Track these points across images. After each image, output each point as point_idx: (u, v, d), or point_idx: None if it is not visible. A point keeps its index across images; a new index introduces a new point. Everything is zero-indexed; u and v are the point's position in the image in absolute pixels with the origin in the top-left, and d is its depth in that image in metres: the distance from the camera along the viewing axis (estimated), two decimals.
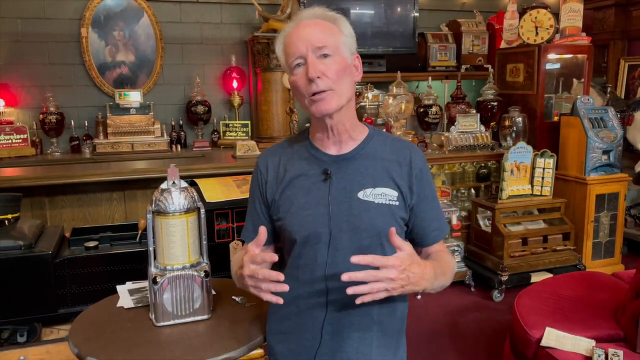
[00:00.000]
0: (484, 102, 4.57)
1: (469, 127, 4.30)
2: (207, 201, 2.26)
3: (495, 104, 4.52)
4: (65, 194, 3.28)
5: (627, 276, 2.82)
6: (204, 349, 1.38)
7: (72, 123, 4.39)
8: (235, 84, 4.76)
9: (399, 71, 4.30)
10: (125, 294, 1.75)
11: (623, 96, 5.30)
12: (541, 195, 3.89)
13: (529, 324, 2.38)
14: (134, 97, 4.41)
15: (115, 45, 4.56)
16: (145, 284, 1.78)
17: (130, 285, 1.83)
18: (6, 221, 2.26)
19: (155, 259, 1.55)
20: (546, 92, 4.37)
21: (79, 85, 4.50)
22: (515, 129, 4.22)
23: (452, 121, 4.50)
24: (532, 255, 3.78)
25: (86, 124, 4.44)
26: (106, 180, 3.28)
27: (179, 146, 4.51)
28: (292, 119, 4.20)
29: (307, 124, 4.74)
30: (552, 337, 2.25)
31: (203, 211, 1.57)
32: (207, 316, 1.56)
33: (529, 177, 3.90)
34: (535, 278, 3.64)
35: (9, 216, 2.29)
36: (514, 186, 3.86)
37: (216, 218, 2.32)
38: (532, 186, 3.91)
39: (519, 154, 3.84)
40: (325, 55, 1.21)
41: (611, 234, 4.10)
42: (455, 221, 3.80)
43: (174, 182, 1.53)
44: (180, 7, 4.69)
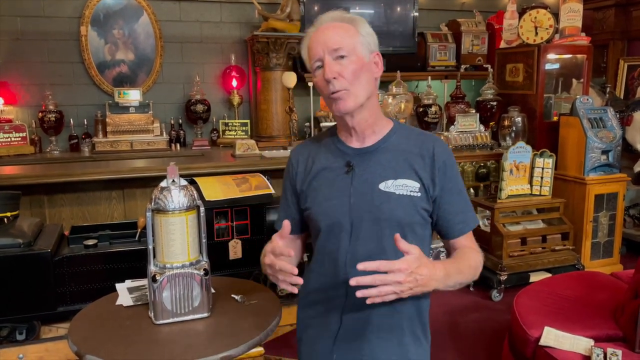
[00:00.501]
0: (484, 101, 4.57)
1: (468, 126, 4.30)
2: (207, 200, 2.26)
3: (495, 103, 4.52)
4: (65, 193, 3.27)
5: (626, 276, 2.83)
6: (203, 347, 1.38)
7: (72, 121, 4.39)
8: (234, 83, 4.76)
9: (398, 71, 4.30)
10: (125, 292, 1.75)
11: (622, 96, 5.31)
12: (540, 195, 3.89)
13: (528, 324, 2.38)
14: (133, 96, 4.41)
15: (115, 44, 4.55)
16: (144, 282, 1.78)
17: (129, 283, 1.83)
18: (5, 219, 2.26)
19: (154, 257, 1.55)
20: (545, 92, 4.37)
21: (79, 83, 4.50)
22: (514, 128, 4.22)
23: (451, 121, 4.50)
24: (531, 255, 3.78)
25: (85, 122, 4.44)
26: (105, 179, 3.28)
27: (178, 145, 4.51)
28: (292, 118, 4.20)
29: (306, 123, 4.76)
30: (551, 336, 2.25)
31: (203, 209, 1.57)
32: (206, 314, 1.56)
33: (528, 177, 3.90)
34: (534, 278, 3.64)
35: (8, 214, 2.29)
36: (513, 186, 3.86)
37: (215, 216, 2.32)
38: (531, 186, 3.91)
39: (518, 153, 3.84)
40: (342, 56, 1.28)
41: (610, 234, 4.10)
42: None
43: (173, 180, 1.53)
44: (180, 6, 4.69)
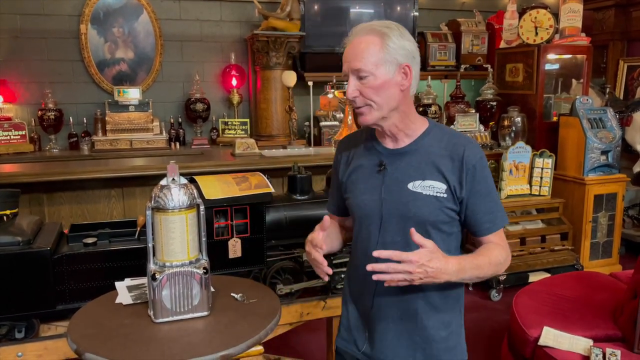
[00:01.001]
0: (483, 101, 4.57)
1: (468, 126, 4.31)
2: (206, 198, 2.26)
3: (495, 103, 4.52)
4: (64, 191, 3.27)
5: (625, 276, 2.83)
6: (203, 346, 1.38)
7: (71, 120, 4.38)
8: (234, 81, 4.75)
9: None
10: (124, 291, 1.75)
11: (622, 97, 5.31)
12: (540, 195, 3.90)
13: (527, 324, 2.38)
14: (133, 94, 4.40)
15: (115, 42, 4.55)
16: (144, 280, 1.78)
17: (128, 281, 1.83)
18: (4, 217, 2.25)
19: (154, 255, 1.55)
20: (545, 92, 4.37)
21: (78, 82, 4.49)
22: (514, 128, 4.22)
23: (451, 120, 4.50)
24: (530, 255, 3.78)
25: (85, 120, 4.43)
26: (105, 177, 3.27)
27: (177, 144, 4.51)
28: (291, 117, 4.20)
29: (306, 122, 4.76)
30: (550, 336, 2.25)
31: (202, 208, 1.56)
32: (205, 313, 1.56)
33: (527, 177, 3.90)
34: (533, 278, 3.65)
35: (7, 212, 2.28)
36: (512, 186, 3.86)
37: (215, 215, 2.32)
38: (531, 186, 3.91)
39: (517, 153, 3.84)
40: (363, 76, 1.35)
41: (609, 234, 4.11)
42: None
43: (173, 179, 1.53)
44: (180, 5, 4.69)
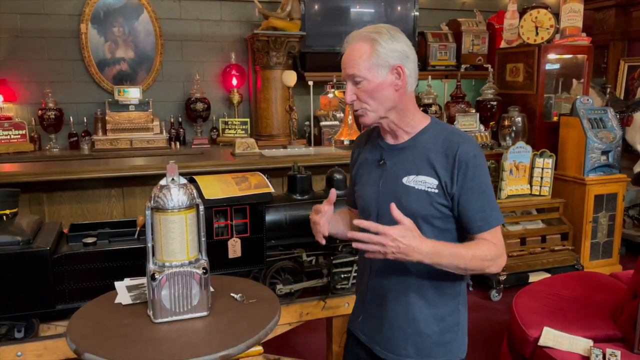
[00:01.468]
0: (484, 101, 4.57)
1: (468, 126, 4.30)
2: (206, 198, 2.26)
3: (495, 103, 4.52)
4: (64, 190, 3.27)
5: (625, 277, 2.83)
6: (202, 346, 1.38)
7: (71, 119, 4.38)
8: (234, 81, 4.75)
9: None
10: (124, 291, 1.75)
11: (622, 97, 5.31)
12: (540, 195, 3.90)
13: (527, 324, 2.38)
14: (133, 94, 4.40)
15: (115, 42, 4.55)
16: (143, 280, 1.78)
17: (128, 281, 1.83)
18: (4, 217, 2.25)
19: (153, 255, 1.54)
20: (546, 92, 4.37)
21: (78, 81, 4.49)
22: (514, 128, 4.22)
23: (451, 120, 4.50)
24: (530, 255, 3.78)
25: (85, 120, 4.43)
26: (105, 177, 3.27)
27: (177, 143, 4.51)
28: (292, 117, 4.19)
29: (306, 122, 4.76)
30: (550, 336, 2.25)
31: (202, 208, 1.56)
32: (205, 313, 1.55)
33: (527, 177, 3.90)
34: (533, 278, 3.65)
35: (7, 212, 2.28)
36: (512, 186, 3.86)
37: (215, 215, 2.31)
38: (531, 186, 3.91)
39: (518, 153, 3.84)
40: (357, 81, 1.44)
41: (609, 234, 4.11)
42: None
43: (173, 179, 1.53)
44: (180, 4, 4.68)
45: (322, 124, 4.53)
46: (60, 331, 2.17)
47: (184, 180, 1.55)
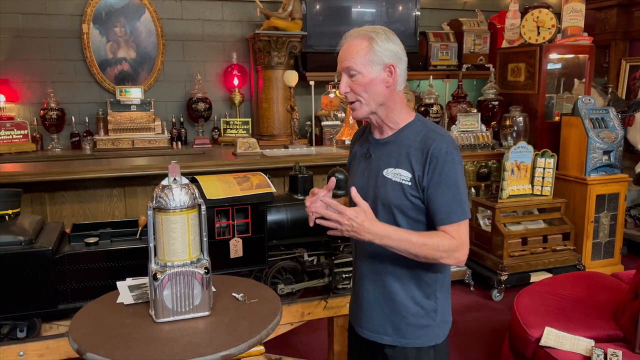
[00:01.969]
0: (485, 101, 4.56)
1: (469, 126, 4.30)
2: (208, 198, 2.26)
3: (496, 103, 4.52)
4: (66, 190, 3.27)
5: (627, 277, 2.83)
6: (204, 346, 1.38)
7: (73, 119, 4.39)
8: (236, 81, 4.75)
9: None
10: (125, 290, 1.75)
11: (624, 97, 5.30)
12: (541, 195, 3.89)
13: (529, 324, 2.38)
14: (134, 94, 4.41)
15: (117, 42, 4.55)
16: (145, 280, 1.78)
17: (130, 281, 1.83)
18: (6, 217, 2.26)
19: (155, 255, 1.55)
20: (547, 92, 4.37)
21: (80, 81, 4.50)
22: (516, 128, 4.22)
23: (453, 120, 4.49)
24: (531, 255, 3.78)
25: (87, 120, 4.44)
26: (106, 177, 3.27)
27: (179, 143, 4.51)
28: (293, 117, 4.19)
29: (307, 122, 4.76)
30: (552, 336, 2.25)
31: (204, 208, 1.57)
32: (207, 313, 1.56)
33: (529, 176, 3.90)
34: (535, 278, 3.64)
35: (9, 212, 2.28)
36: (514, 186, 3.86)
37: (216, 215, 2.32)
38: (533, 186, 3.91)
39: (519, 153, 3.83)
40: (352, 74, 1.52)
41: (611, 234, 4.10)
42: None
43: (175, 179, 1.53)
44: (182, 4, 4.69)
45: (324, 123, 4.53)
46: (62, 331, 2.18)
47: (185, 180, 1.55)
